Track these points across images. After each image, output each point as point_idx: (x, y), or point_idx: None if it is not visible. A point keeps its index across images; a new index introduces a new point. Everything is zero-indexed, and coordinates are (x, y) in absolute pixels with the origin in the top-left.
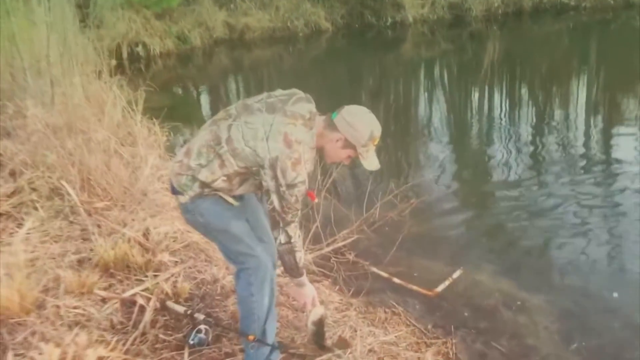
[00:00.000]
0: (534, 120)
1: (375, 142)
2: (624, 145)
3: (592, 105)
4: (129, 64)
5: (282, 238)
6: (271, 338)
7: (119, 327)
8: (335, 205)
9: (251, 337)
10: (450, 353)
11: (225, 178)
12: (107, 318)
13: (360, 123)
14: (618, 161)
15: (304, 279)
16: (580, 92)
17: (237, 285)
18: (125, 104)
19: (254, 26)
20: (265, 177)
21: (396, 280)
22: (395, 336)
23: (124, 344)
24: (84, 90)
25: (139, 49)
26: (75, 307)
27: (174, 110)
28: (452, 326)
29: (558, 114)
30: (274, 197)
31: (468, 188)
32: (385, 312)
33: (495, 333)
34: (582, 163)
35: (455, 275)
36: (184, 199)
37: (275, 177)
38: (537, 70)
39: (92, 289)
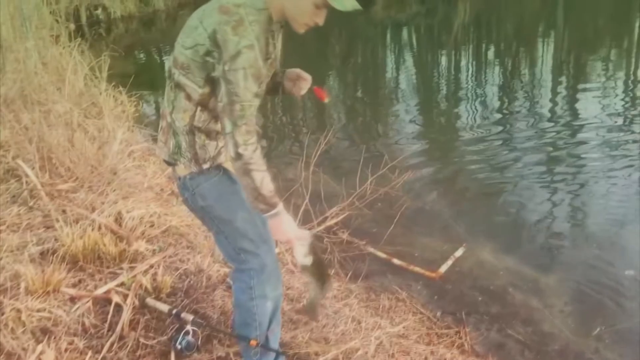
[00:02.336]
0: (529, 86)
1: None
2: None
3: (558, 66)
4: (89, 28)
5: (231, 149)
6: (275, 344)
7: (92, 331)
8: (325, 180)
9: (253, 342)
10: (466, 345)
11: (201, 108)
12: (78, 321)
13: None
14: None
15: (280, 209)
16: (547, 53)
17: (234, 287)
18: (88, 71)
19: None
20: (215, 67)
21: (396, 261)
22: (403, 327)
23: (98, 352)
24: (39, 56)
25: (99, 12)
26: (39, 310)
27: (139, 77)
28: (463, 313)
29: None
30: (222, 86)
31: (457, 158)
32: (388, 298)
33: (508, 319)
34: (579, 131)
35: (458, 253)
36: (181, 170)
37: (220, 57)
38: (507, 31)
39: (58, 287)
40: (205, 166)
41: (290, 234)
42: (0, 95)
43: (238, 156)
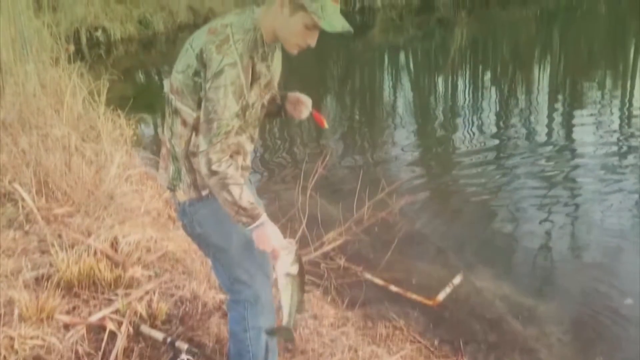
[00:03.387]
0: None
1: None
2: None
3: (554, 89)
4: (88, 49)
5: (204, 167)
6: None
7: (85, 359)
8: (322, 204)
9: None
10: None
11: (196, 133)
12: (71, 348)
13: None
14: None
15: (263, 219)
16: (543, 77)
17: (229, 317)
18: (87, 94)
19: (219, 11)
20: (202, 86)
21: (393, 288)
22: (401, 356)
23: None
24: (39, 79)
25: (99, 33)
26: (32, 337)
27: (138, 100)
28: (461, 341)
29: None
30: (202, 103)
31: (454, 182)
32: (385, 326)
33: (506, 348)
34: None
35: (456, 281)
36: (180, 195)
37: (205, 76)
38: (504, 56)
39: (52, 314)
40: (205, 192)
41: (275, 244)
42: None
43: (213, 173)
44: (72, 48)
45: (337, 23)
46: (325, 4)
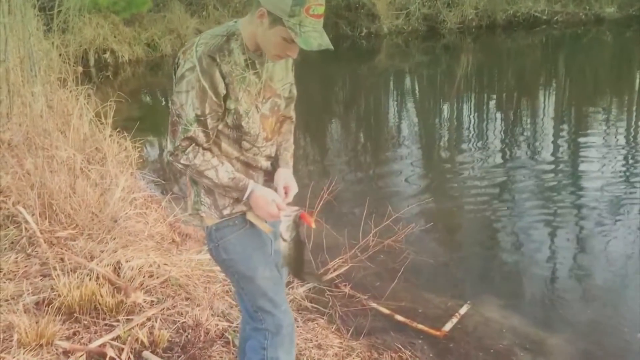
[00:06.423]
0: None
1: (312, 11)
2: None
3: (559, 116)
4: (96, 71)
5: (174, 163)
6: None
7: None
8: (327, 230)
9: None
10: None
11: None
12: None
13: None
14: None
15: (251, 187)
16: (549, 104)
17: (248, 345)
18: (93, 116)
19: None
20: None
21: (399, 317)
22: None
23: None
24: (46, 100)
25: (107, 55)
26: None
27: (144, 122)
28: None
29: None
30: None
31: (461, 210)
32: (391, 357)
33: None
34: (584, 184)
35: (462, 311)
36: (208, 220)
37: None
38: (509, 83)
39: (52, 340)
40: (226, 212)
41: (273, 209)
42: (5, 140)
43: (185, 166)
44: (80, 69)
45: (314, 40)
46: (304, 20)
